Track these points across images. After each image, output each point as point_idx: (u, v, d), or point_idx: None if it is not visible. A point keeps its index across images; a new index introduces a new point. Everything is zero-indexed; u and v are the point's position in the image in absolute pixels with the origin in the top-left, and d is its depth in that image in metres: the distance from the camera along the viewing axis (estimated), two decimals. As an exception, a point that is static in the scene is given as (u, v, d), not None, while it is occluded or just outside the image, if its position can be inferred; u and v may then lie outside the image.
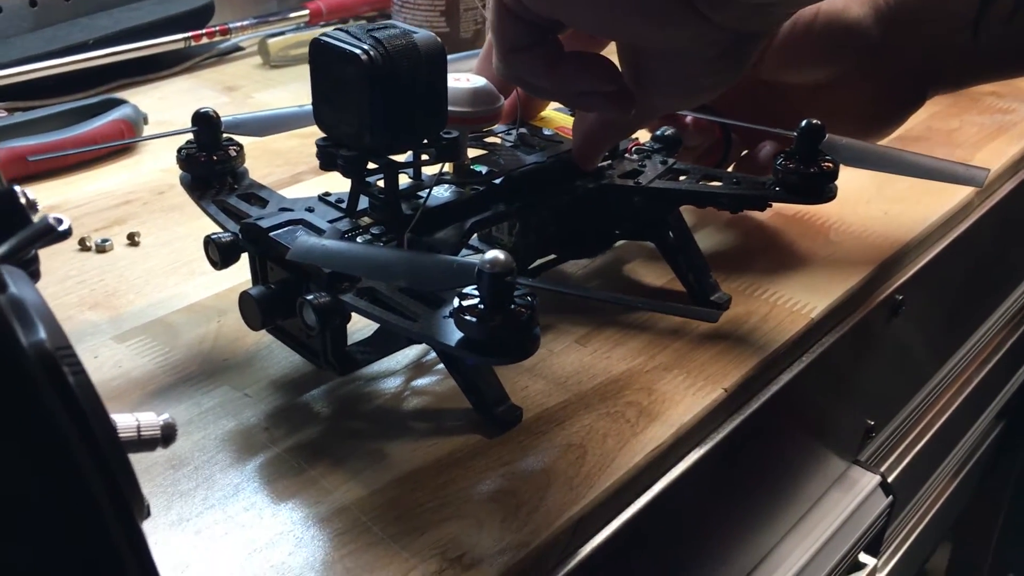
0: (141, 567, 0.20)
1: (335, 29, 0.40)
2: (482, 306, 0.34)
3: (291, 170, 0.65)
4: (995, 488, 1.15)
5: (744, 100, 0.54)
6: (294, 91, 0.80)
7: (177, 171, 0.47)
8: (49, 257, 0.54)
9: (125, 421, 0.24)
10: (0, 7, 0.79)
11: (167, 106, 0.76)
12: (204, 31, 0.84)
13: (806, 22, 0.49)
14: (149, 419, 0.24)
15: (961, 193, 0.63)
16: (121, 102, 0.69)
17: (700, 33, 0.35)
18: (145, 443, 0.24)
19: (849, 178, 0.50)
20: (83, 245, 0.55)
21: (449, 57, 0.45)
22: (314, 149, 0.42)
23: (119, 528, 0.20)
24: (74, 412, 0.19)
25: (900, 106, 0.54)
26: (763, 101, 0.55)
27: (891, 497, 0.65)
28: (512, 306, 0.34)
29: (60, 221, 0.25)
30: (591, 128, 0.45)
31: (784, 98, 0.54)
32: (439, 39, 0.40)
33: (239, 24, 0.87)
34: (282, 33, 0.88)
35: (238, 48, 0.89)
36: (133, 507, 0.20)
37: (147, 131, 0.69)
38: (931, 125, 0.75)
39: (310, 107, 0.42)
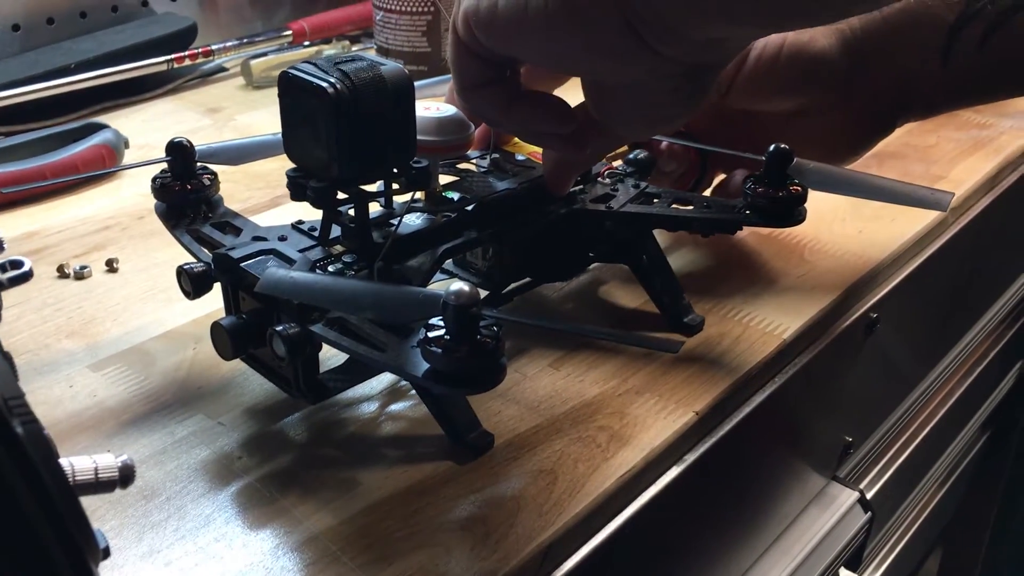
0: None
1: (303, 61, 0.40)
2: (448, 337, 0.34)
3: (271, 193, 0.66)
4: (982, 497, 1.16)
5: (719, 128, 0.55)
6: (277, 112, 0.79)
7: (157, 196, 0.48)
8: (27, 285, 0.54)
9: (82, 464, 0.24)
10: (-17, 32, 0.79)
11: (150, 129, 0.77)
12: (187, 53, 0.84)
13: (772, 53, 0.50)
14: (107, 461, 0.24)
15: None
16: (102, 126, 0.69)
17: (653, 67, 0.36)
18: (103, 485, 0.24)
19: (824, 197, 0.51)
20: (61, 272, 0.55)
21: (420, 83, 0.46)
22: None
23: (69, 573, 0.20)
24: (22, 462, 0.19)
25: (870, 133, 0.55)
26: (738, 128, 0.55)
27: (870, 513, 0.65)
28: (478, 337, 0.34)
29: (18, 264, 0.26)
30: (558, 157, 0.45)
31: (758, 125, 0.54)
32: (406, 71, 0.40)
33: (222, 45, 0.87)
34: (265, 54, 0.88)
35: (221, 69, 0.89)
36: (86, 554, 0.20)
37: (128, 155, 0.70)
38: (908, 141, 0.75)
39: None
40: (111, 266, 0.56)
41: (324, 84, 0.38)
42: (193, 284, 0.42)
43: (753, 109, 0.53)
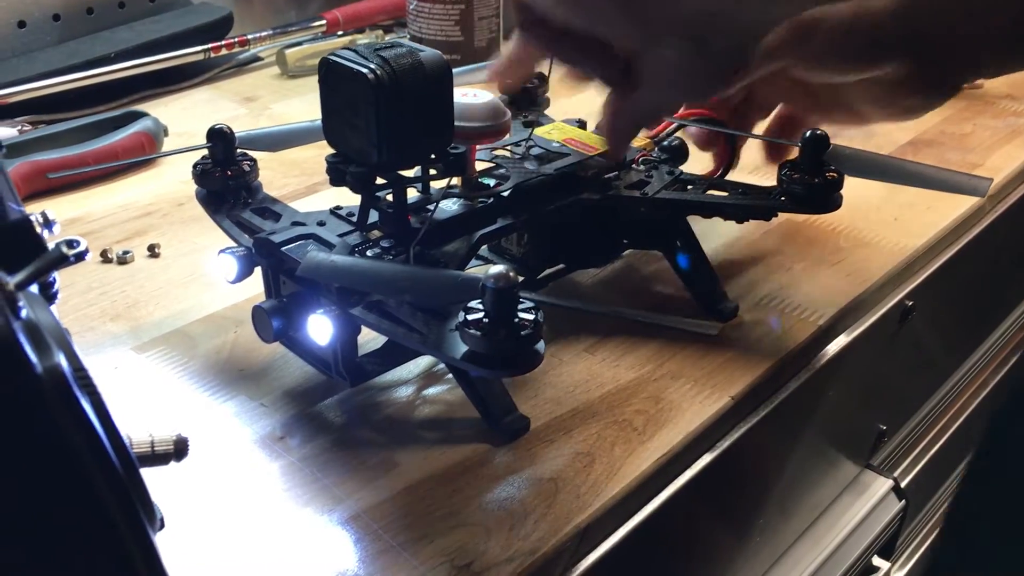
0: None
1: (344, 48, 0.41)
2: (486, 320, 0.34)
3: (307, 180, 0.66)
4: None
5: (773, 92, 0.53)
6: (311, 101, 0.81)
7: (196, 183, 0.48)
8: (72, 269, 0.55)
9: (139, 437, 0.25)
10: (24, 22, 0.80)
11: (188, 117, 0.78)
12: (223, 42, 0.85)
13: (831, 25, 0.48)
14: (163, 435, 0.25)
15: (972, 198, 0.63)
16: (142, 115, 0.70)
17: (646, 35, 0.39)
18: (159, 458, 0.25)
19: (859, 184, 0.51)
20: (105, 257, 0.56)
21: (457, 70, 0.46)
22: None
23: (132, 541, 0.21)
24: (86, 432, 0.20)
25: (935, 93, 0.52)
26: (792, 92, 0.54)
27: (904, 501, 0.65)
28: (516, 320, 0.34)
29: (75, 243, 0.26)
30: (611, 115, 0.46)
31: (814, 88, 0.53)
32: (444, 57, 0.41)
33: (257, 35, 0.88)
34: (299, 43, 0.89)
35: (256, 59, 0.90)
36: (146, 522, 0.21)
37: (167, 143, 0.71)
38: (944, 129, 0.75)
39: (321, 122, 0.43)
40: (153, 251, 0.57)
41: (365, 70, 0.39)
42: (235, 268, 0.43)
43: (816, 81, 0.52)
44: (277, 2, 0.97)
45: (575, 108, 0.59)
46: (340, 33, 0.93)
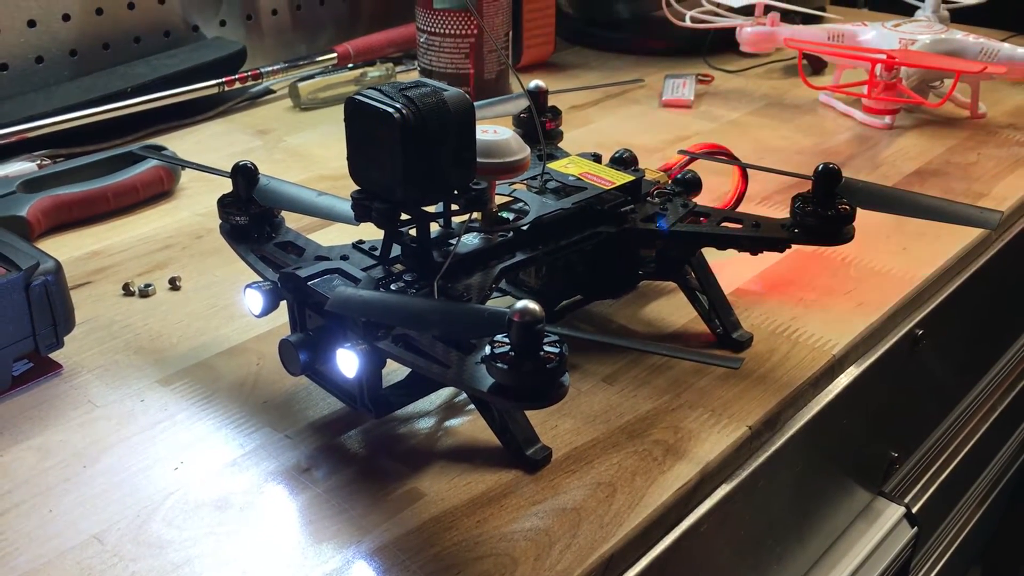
0: None
1: (369, 88, 0.42)
2: (512, 353, 0.35)
3: (323, 213, 0.67)
4: (1022, 514, 1.15)
5: None
6: (325, 134, 0.82)
7: (214, 216, 0.49)
8: (95, 302, 0.56)
9: None
10: (41, 57, 0.82)
11: (203, 149, 0.79)
12: (237, 76, 0.87)
13: None
14: None
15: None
16: (159, 148, 0.71)
17: None
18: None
19: (869, 214, 0.52)
20: (127, 290, 0.57)
21: (476, 104, 0.47)
22: (349, 190, 0.44)
23: None
24: None
25: None
26: None
27: (916, 528, 0.66)
28: (542, 353, 0.35)
29: None
30: None
31: None
32: (467, 96, 0.42)
33: (270, 68, 0.89)
34: (312, 76, 0.90)
35: (269, 92, 0.91)
36: None
37: (184, 176, 0.72)
38: (949, 159, 0.76)
39: (325, 198, 0.45)
40: (174, 284, 0.57)
41: (390, 110, 0.40)
42: (261, 302, 0.44)
43: None
44: (288, 36, 0.99)
45: (588, 140, 0.60)
46: (351, 66, 0.94)
